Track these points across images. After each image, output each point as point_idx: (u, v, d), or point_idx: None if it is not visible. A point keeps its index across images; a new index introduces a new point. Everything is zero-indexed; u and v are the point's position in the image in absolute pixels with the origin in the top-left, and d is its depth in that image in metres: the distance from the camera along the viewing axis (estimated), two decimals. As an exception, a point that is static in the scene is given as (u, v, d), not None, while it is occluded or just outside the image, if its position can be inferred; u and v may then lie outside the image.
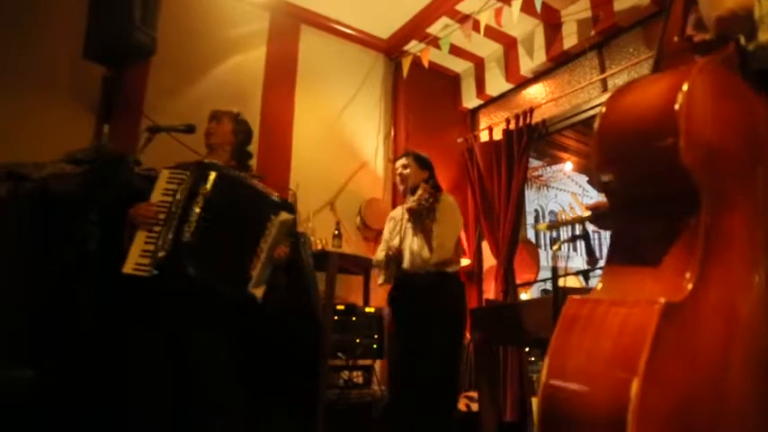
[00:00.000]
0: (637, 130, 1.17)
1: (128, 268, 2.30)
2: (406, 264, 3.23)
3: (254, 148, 4.22)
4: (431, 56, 4.87)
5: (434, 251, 3.12)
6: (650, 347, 0.94)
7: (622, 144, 1.21)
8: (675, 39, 1.35)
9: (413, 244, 3.23)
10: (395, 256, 3.25)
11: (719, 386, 1.00)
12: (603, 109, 1.24)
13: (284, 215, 2.53)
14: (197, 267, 2.33)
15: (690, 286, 1.02)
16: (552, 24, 4.62)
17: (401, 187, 3.43)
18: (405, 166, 3.38)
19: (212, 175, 2.47)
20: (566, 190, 22.96)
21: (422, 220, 3.14)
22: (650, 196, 1.18)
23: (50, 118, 3.39)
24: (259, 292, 2.43)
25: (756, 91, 1.21)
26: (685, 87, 1.09)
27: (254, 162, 4.04)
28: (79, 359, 2.44)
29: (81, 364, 2.45)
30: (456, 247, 3.23)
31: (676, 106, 1.08)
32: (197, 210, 2.38)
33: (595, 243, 2.22)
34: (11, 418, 2.30)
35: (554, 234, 22.21)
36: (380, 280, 3.40)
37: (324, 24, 4.94)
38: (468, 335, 3.39)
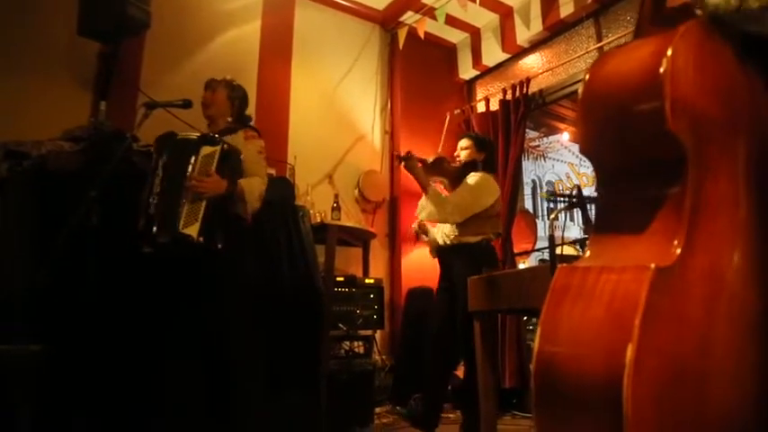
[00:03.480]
0: (621, 96, 1.17)
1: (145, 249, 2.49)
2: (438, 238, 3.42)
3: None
4: (427, 27, 4.82)
5: (433, 206, 3.20)
6: (643, 312, 0.95)
7: (607, 111, 1.20)
8: (648, 4, 1.35)
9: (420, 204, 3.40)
10: (422, 230, 3.52)
11: (705, 344, 1.04)
12: (586, 77, 1.23)
13: (205, 149, 2.49)
14: (159, 232, 2.43)
15: (678, 251, 1.03)
16: (548, -8, 4.58)
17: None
18: (463, 148, 3.46)
19: (168, 146, 2.56)
20: (563, 160, 22.90)
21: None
22: (636, 163, 1.18)
23: (47, 96, 3.39)
24: (192, 231, 2.38)
25: (736, 58, 1.21)
26: (669, 52, 1.09)
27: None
28: (85, 333, 2.48)
29: (86, 337, 2.50)
30: (464, 215, 3.23)
31: (661, 70, 1.08)
32: (157, 181, 2.50)
33: (592, 212, 2.24)
34: (19, 391, 2.35)
35: (551, 204, 22.25)
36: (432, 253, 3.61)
37: (318, -4, 4.89)
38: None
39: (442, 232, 3.36)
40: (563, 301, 1.11)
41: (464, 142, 3.48)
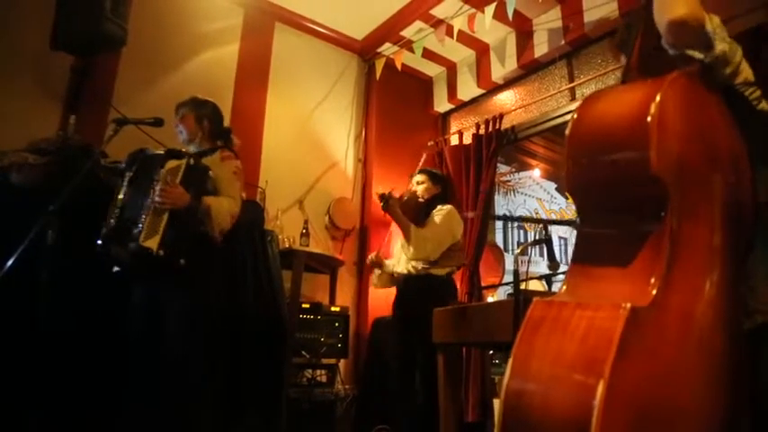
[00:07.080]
0: (608, 138, 1.19)
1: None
2: (398, 267, 3.42)
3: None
4: (404, 59, 4.90)
5: (413, 247, 3.21)
6: (616, 351, 0.95)
7: (593, 151, 1.22)
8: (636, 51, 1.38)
9: (402, 246, 3.37)
10: (377, 263, 3.58)
11: (676, 386, 1.03)
12: (575, 115, 1.25)
13: (171, 162, 2.49)
14: (118, 245, 2.42)
15: (654, 291, 1.04)
16: (524, 32, 4.69)
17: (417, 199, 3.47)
18: (420, 183, 3.49)
19: (136, 161, 2.57)
20: (533, 196, 23.21)
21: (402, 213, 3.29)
22: (619, 202, 1.20)
23: (15, 106, 3.31)
24: (152, 244, 2.34)
25: (718, 103, 1.25)
26: (658, 98, 1.11)
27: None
28: (37, 351, 2.39)
29: (38, 356, 2.41)
30: (441, 250, 3.26)
31: (649, 118, 1.10)
32: (120, 194, 2.50)
33: (560, 248, 2.25)
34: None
35: (520, 239, 22.41)
36: (374, 281, 3.72)
37: (298, 23, 4.92)
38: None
39: (409, 263, 3.34)
40: (536, 335, 1.10)
41: (420, 177, 3.53)
